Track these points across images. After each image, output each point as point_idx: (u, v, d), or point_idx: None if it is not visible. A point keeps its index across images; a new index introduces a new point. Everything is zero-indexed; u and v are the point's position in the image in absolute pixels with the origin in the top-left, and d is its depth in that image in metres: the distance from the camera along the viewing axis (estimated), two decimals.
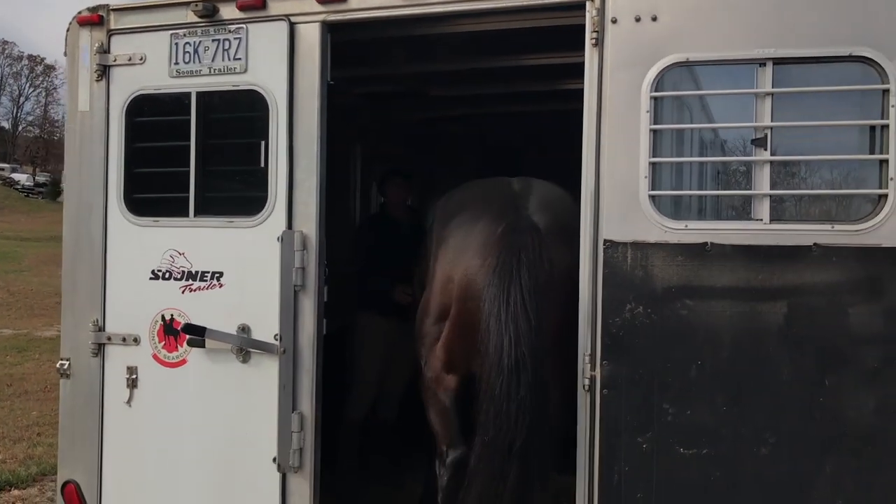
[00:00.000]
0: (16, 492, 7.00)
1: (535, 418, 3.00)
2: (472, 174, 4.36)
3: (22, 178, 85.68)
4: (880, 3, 2.70)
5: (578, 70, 3.15)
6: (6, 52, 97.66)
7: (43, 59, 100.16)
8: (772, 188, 2.79)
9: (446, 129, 6.49)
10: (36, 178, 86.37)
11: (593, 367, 2.90)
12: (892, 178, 2.67)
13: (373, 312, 5.11)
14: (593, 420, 2.91)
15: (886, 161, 2.67)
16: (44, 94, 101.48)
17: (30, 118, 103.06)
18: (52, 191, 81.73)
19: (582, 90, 3.07)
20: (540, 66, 4.44)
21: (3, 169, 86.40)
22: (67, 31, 3.75)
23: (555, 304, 3.20)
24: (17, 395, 14.43)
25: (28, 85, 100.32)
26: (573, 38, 3.11)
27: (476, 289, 3.30)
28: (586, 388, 2.93)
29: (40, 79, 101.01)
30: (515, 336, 3.05)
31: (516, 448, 2.99)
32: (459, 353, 3.47)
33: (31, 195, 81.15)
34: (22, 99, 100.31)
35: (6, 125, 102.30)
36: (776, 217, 2.80)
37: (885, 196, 2.68)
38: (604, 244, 2.88)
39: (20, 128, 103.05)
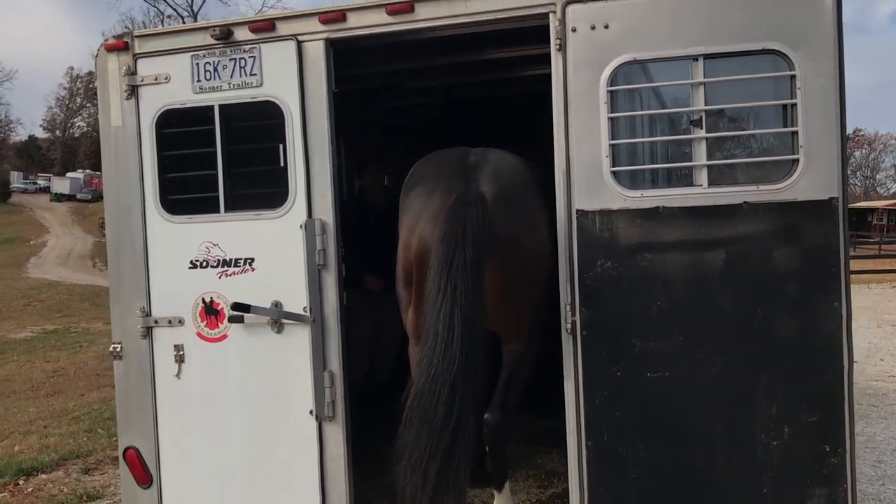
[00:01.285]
0: (43, 476, 7.51)
1: (465, 374, 3.31)
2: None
3: None
4: (786, 6, 3.36)
5: (537, 59, 3.82)
6: None
7: None
8: (708, 159, 3.46)
9: (419, 115, 7.07)
10: None
11: (573, 314, 3.56)
12: (801, 146, 3.35)
13: (356, 290, 5.61)
14: (576, 356, 3.57)
15: (796, 132, 3.35)
16: None
17: None
18: (2, 193, 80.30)
19: (538, 76, 3.72)
20: (505, 58, 5.04)
21: None
22: (96, 56, 4.28)
23: (499, 268, 3.64)
24: (5, 396, 14.80)
25: None
26: (534, 34, 3.73)
27: (426, 257, 3.65)
28: (569, 331, 3.59)
29: None
30: (452, 301, 3.35)
31: (441, 395, 3.28)
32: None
33: None
34: None
35: None
36: (713, 182, 3.47)
37: (797, 160, 3.36)
38: (576, 213, 3.53)
39: None
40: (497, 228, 3.60)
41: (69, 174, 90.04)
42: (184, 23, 61.00)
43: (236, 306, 3.82)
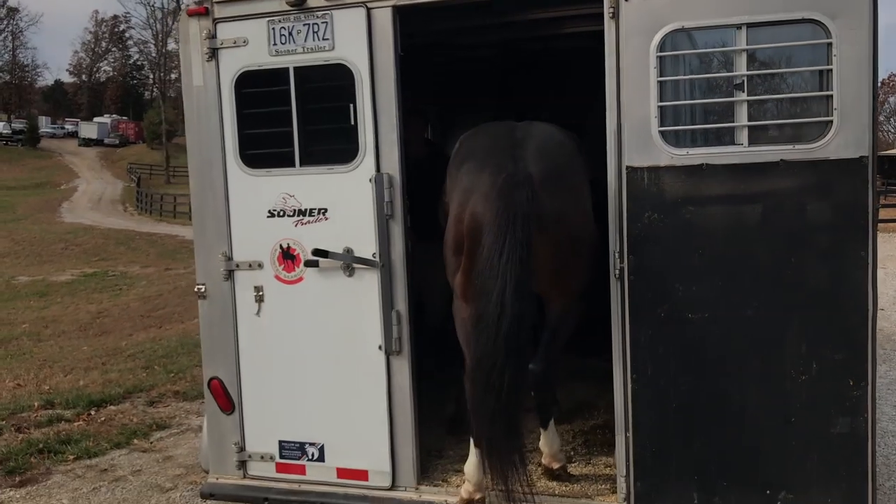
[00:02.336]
0: (112, 407, 8.11)
1: (517, 346, 3.76)
2: (485, 110, 5.24)
3: None
4: None
5: (583, 19, 4.25)
6: None
7: (5, 2, 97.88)
8: (749, 120, 3.77)
9: (465, 70, 7.34)
10: (12, 125, 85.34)
11: (622, 261, 3.92)
12: (835, 108, 3.64)
13: None
14: (623, 300, 3.95)
15: (831, 96, 3.65)
16: (10, 38, 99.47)
17: None
18: (30, 137, 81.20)
19: (582, 33, 4.17)
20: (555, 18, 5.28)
21: None
22: (178, 20, 4.62)
23: (546, 243, 3.94)
24: (57, 335, 15.56)
25: None
26: None
27: (479, 234, 3.94)
28: (617, 276, 3.96)
29: (5, 22, 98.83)
30: (504, 279, 3.71)
31: (500, 362, 3.73)
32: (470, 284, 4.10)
33: (9, 143, 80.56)
34: None
35: None
36: (753, 141, 3.78)
37: (831, 122, 3.66)
38: (626, 169, 3.87)
39: None
40: (544, 207, 3.89)
41: (96, 119, 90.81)
42: None
43: (316, 252, 4.22)
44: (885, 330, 11.18)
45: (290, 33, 4.39)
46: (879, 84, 3.60)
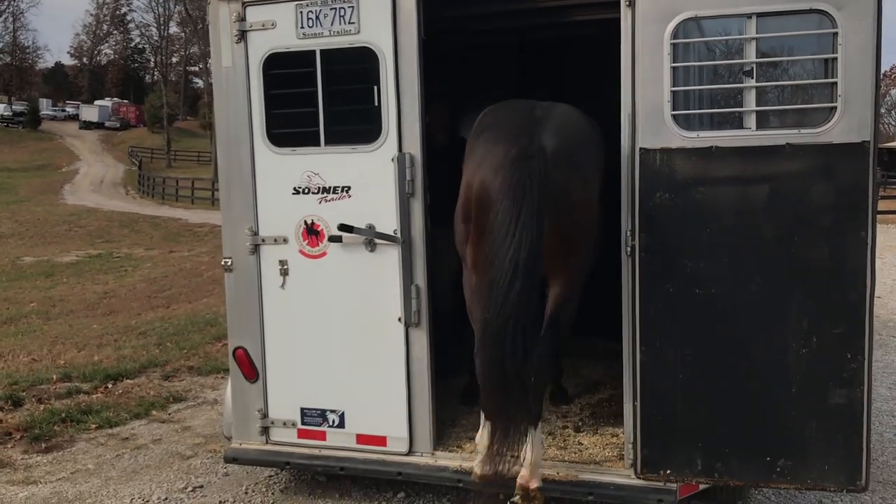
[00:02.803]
0: (128, 381, 8.32)
1: (527, 316, 3.78)
2: (503, 93, 5.40)
3: None
4: None
5: (600, 6, 4.50)
6: None
7: None
8: (757, 105, 3.97)
9: (482, 56, 7.51)
10: (13, 107, 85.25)
11: (633, 238, 4.12)
12: (839, 95, 3.84)
13: None
14: (634, 275, 4.15)
15: (836, 83, 3.84)
16: (10, 19, 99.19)
17: None
18: (32, 119, 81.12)
19: (595, 21, 4.46)
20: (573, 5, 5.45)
21: None
22: (209, 3, 4.81)
23: (554, 219, 3.90)
24: (65, 314, 15.74)
25: None
26: None
27: (488, 201, 3.96)
28: (629, 253, 4.16)
29: (5, 3, 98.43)
30: (519, 244, 3.71)
31: (510, 325, 3.73)
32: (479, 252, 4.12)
33: (10, 125, 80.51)
34: None
35: None
36: (760, 125, 3.98)
37: (835, 108, 3.85)
38: (640, 151, 4.06)
39: None
40: (554, 181, 3.90)
41: (97, 102, 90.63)
42: None
43: (342, 227, 4.42)
44: (882, 317, 11.40)
45: (318, 17, 4.57)
46: (882, 75, 3.78)
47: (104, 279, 20.52)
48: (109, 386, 8.15)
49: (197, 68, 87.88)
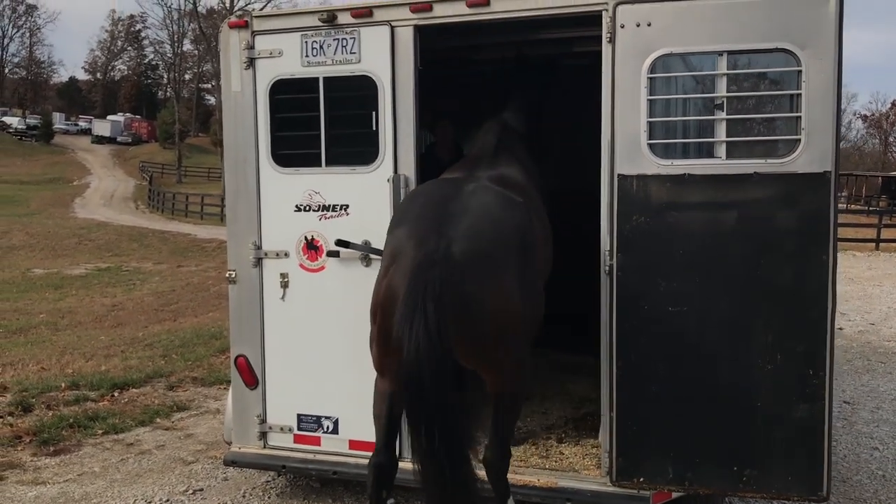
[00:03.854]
0: (134, 390, 8.60)
1: (442, 437, 3.55)
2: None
3: (13, 121, 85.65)
4: (795, 12, 4.11)
5: (580, 40, 4.80)
6: None
7: None
8: (727, 136, 4.25)
9: (474, 82, 7.83)
10: (27, 120, 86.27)
11: (611, 258, 4.39)
12: (803, 129, 4.12)
13: None
14: (612, 293, 4.42)
15: (799, 117, 4.13)
16: (28, 34, 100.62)
17: (15, 60, 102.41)
18: (45, 133, 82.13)
19: (580, 53, 4.66)
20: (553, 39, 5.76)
21: None
22: (220, 32, 5.14)
23: (466, 326, 3.68)
24: (74, 326, 16.05)
25: (11, 26, 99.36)
26: (580, 20, 4.59)
27: (389, 307, 3.78)
28: (606, 272, 4.43)
29: (23, 19, 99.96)
30: (414, 358, 3.48)
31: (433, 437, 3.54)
32: (382, 357, 4.00)
33: (24, 138, 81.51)
34: (6, 40, 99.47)
35: None
36: (730, 155, 4.26)
37: (799, 140, 4.14)
38: (618, 177, 4.35)
39: (6, 70, 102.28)
40: (459, 290, 3.66)
41: (110, 117, 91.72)
42: None
43: (339, 242, 4.72)
44: (873, 343, 11.62)
45: (321, 47, 4.89)
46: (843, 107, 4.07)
47: (112, 292, 20.86)
48: (116, 394, 8.44)
49: (209, 85, 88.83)
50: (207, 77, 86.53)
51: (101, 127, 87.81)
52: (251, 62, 5.03)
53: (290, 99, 5.00)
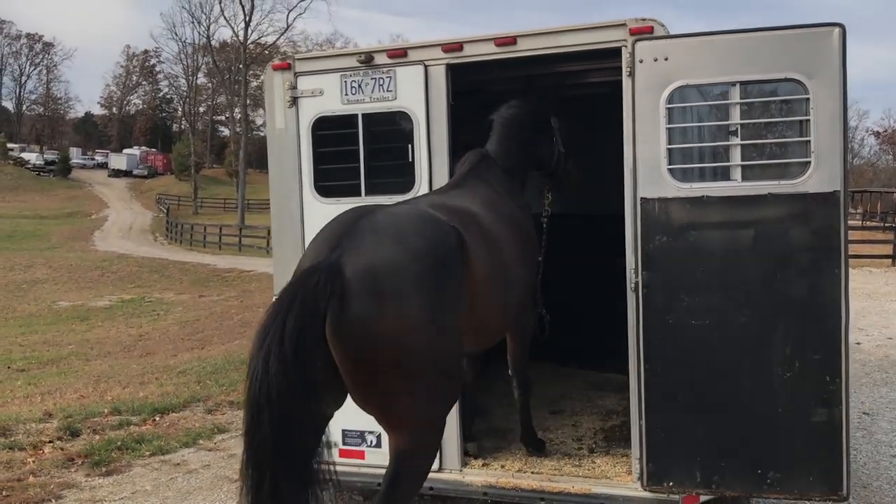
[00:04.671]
0: (174, 414, 8.93)
1: (279, 449, 3.16)
2: None
3: (32, 156, 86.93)
4: (803, 44, 4.45)
5: (599, 71, 5.11)
6: (4, 31, 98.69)
7: (41, 37, 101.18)
8: (742, 160, 4.58)
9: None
10: (45, 156, 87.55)
11: (637, 276, 4.71)
12: (812, 152, 4.44)
13: None
14: (638, 308, 4.72)
15: (809, 141, 4.45)
16: (45, 71, 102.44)
17: (33, 97, 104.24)
18: (62, 168, 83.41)
19: (600, 82, 4.96)
20: (573, 71, 6.13)
21: (12, 149, 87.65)
22: (264, 73, 5.53)
23: (349, 350, 3.26)
24: (103, 356, 16.45)
25: (28, 64, 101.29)
26: (600, 54, 4.94)
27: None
28: (633, 289, 4.74)
29: (40, 56, 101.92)
30: (259, 371, 3.13)
31: (262, 466, 3.19)
32: None
33: (42, 173, 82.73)
34: (24, 78, 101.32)
35: (10, 105, 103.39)
36: (745, 178, 4.58)
37: (809, 162, 4.45)
38: (640, 200, 4.67)
39: (24, 107, 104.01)
40: (345, 304, 3.24)
41: (126, 150, 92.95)
42: (241, 3, 62.87)
43: None
44: (892, 357, 11.82)
45: (360, 85, 5.26)
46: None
47: (138, 322, 21.28)
48: (157, 418, 8.78)
49: (223, 117, 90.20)
50: (221, 109, 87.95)
51: (118, 160, 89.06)
52: (294, 101, 5.41)
53: (331, 134, 5.37)
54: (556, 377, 7.63)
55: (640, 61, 4.65)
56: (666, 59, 4.62)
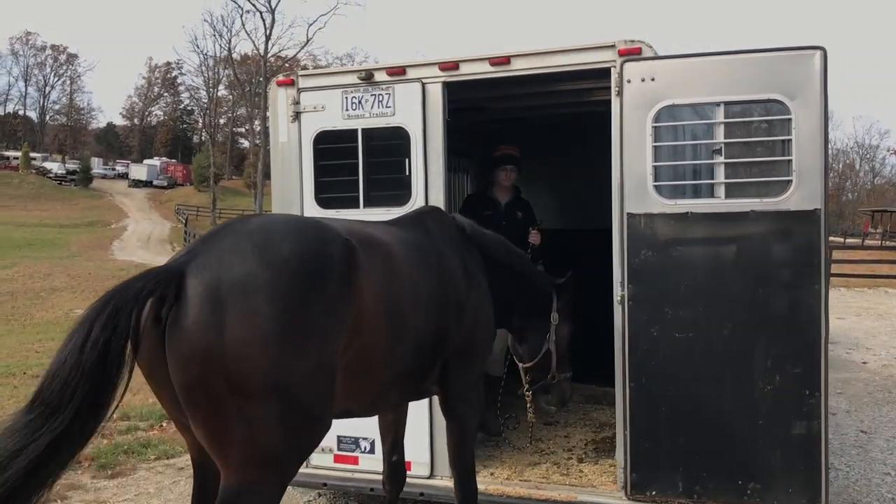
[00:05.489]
0: None
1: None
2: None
3: (54, 166, 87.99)
4: (785, 66, 4.59)
5: (588, 91, 5.28)
6: (30, 42, 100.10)
7: (66, 48, 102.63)
8: (725, 178, 4.71)
9: (496, 129, 8.39)
10: (66, 165, 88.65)
11: (623, 289, 4.84)
12: (794, 171, 4.57)
13: None
14: (624, 321, 4.85)
15: (790, 160, 4.58)
16: (68, 82, 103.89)
17: (56, 107, 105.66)
18: (84, 177, 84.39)
19: (590, 102, 5.08)
20: (567, 90, 6.29)
21: (35, 159, 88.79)
22: (268, 89, 5.73)
23: (177, 368, 2.78)
24: None
25: (52, 74, 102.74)
26: (591, 74, 5.10)
27: None
28: (619, 302, 4.88)
29: (64, 67, 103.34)
30: (48, 383, 2.68)
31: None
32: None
33: (63, 182, 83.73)
34: (48, 88, 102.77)
35: (34, 115, 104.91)
36: (728, 195, 4.71)
37: (791, 181, 4.58)
38: (627, 215, 4.81)
39: (47, 117, 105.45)
40: (180, 314, 2.80)
41: (146, 161, 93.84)
42: (262, 17, 63.64)
43: None
44: (895, 376, 11.83)
45: (360, 101, 5.45)
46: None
47: None
48: (164, 424, 8.94)
49: (243, 129, 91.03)
50: (241, 121, 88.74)
51: (138, 171, 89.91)
52: (297, 116, 5.61)
53: (331, 148, 5.56)
54: None
55: (628, 81, 4.81)
56: (653, 80, 4.77)
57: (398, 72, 5.36)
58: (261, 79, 67.34)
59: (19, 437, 2.61)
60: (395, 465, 4.79)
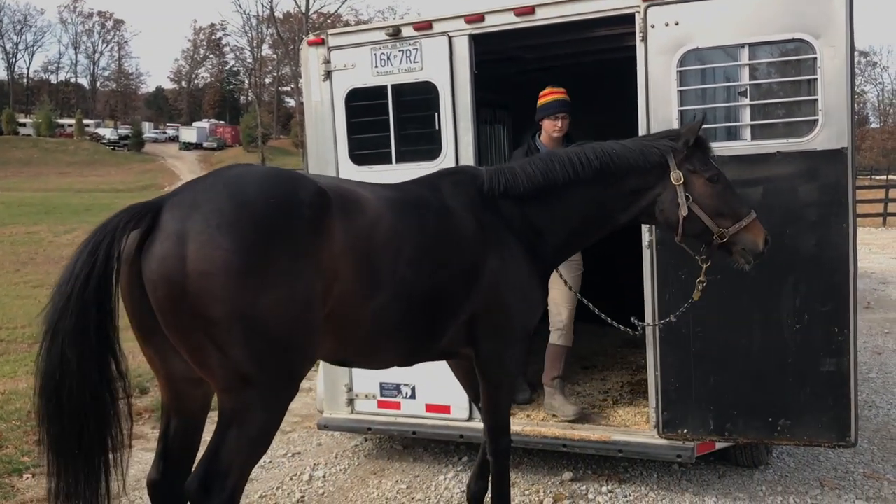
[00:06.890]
0: None
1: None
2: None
3: (106, 132, 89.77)
4: (809, 5, 4.55)
5: (615, 38, 5.34)
6: (77, 10, 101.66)
7: (112, 14, 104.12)
8: (751, 120, 4.72)
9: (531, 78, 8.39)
10: (119, 130, 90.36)
11: (651, 234, 4.92)
12: (820, 110, 4.56)
13: None
14: (653, 264, 4.94)
15: (816, 100, 4.57)
16: (116, 48, 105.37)
17: (105, 73, 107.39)
18: (136, 142, 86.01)
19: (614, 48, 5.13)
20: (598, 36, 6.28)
21: (88, 125, 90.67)
22: (300, 49, 5.86)
23: (160, 301, 3.03)
24: None
25: (101, 41, 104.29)
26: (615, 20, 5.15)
27: None
28: (647, 246, 4.96)
29: (111, 34, 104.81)
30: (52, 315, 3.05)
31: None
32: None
33: (116, 148, 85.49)
34: (97, 55, 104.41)
35: (84, 82, 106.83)
36: (755, 137, 4.74)
37: (817, 120, 4.58)
38: None
39: (98, 83, 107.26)
40: (152, 244, 3.04)
41: (195, 123, 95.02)
42: None
43: None
44: None
45: (388, 58, 5.55)
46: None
47: None
48: None
49: (289, 88, 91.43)
50: (286, 80, 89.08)
51: (188, 134, 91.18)
52: (328, 75, 5.74)
53: (363, 105, 5.68)
54: (593, 335, 7.80)
55: (652, 26, 4.82)
56: (677, 24, 4.78)
57: (425, 26, 5.43)
58: (303, 36, 67.42)
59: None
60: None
